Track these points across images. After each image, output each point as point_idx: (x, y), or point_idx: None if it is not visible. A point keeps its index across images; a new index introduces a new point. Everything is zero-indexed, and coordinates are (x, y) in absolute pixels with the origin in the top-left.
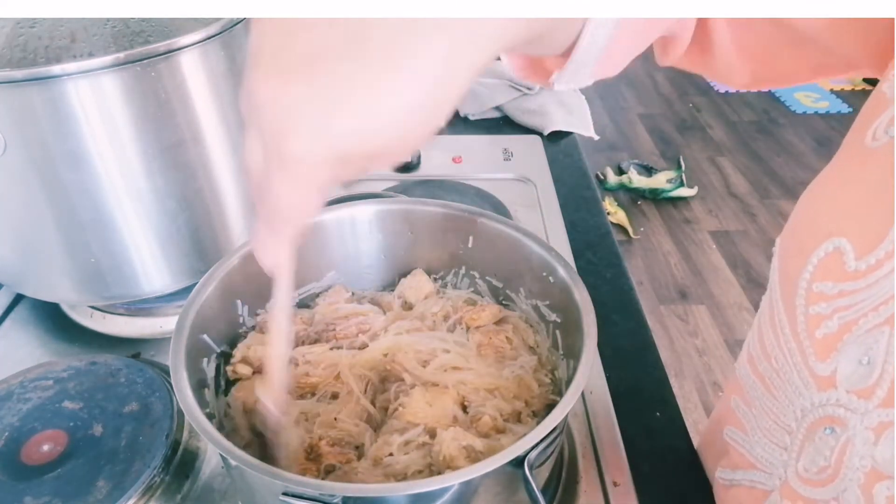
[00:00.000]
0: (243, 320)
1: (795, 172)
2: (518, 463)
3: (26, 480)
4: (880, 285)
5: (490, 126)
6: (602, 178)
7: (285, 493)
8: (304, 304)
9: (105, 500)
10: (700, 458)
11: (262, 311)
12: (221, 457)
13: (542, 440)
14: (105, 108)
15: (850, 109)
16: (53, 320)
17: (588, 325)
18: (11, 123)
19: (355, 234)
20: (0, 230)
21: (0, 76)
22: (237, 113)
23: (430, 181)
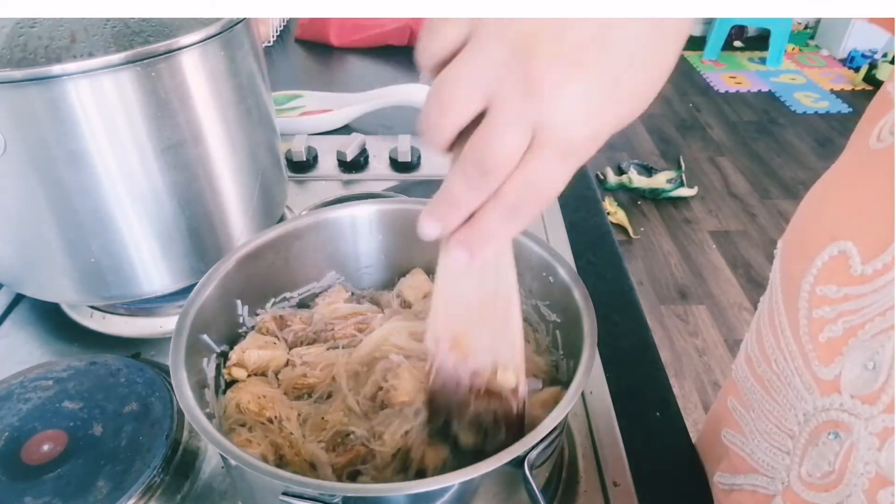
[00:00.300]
0: (243, 320)
1: (795, 172)
2: (518, 463)
3: (26, 480)
4: (887, 290)
5: None
6: (602, 178)
7: (285, 493)
8: (304, 303)
9: (105, 500)
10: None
11: (262, 311)
12: (221, 457)
13: (541, 440)
14: (105, 108)
15: (851, 109)
16: (53, 320)
17: (588, 325)
18: (11, 123)
19: (355, 234)
20: (0, 230)
21: (0, 76)
22: (237, 113)
23: (430, 181)
